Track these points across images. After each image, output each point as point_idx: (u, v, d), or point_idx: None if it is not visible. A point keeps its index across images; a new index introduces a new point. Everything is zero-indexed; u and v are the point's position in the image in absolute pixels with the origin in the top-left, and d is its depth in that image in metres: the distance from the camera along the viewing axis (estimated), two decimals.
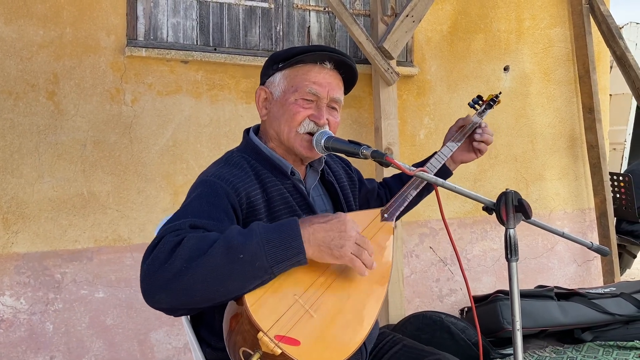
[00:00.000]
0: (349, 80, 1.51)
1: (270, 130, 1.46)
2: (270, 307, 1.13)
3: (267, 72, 1.49)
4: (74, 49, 2.76)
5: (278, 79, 1.45)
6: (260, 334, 1.08)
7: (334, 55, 1.43)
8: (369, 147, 1.31)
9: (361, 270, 1.19)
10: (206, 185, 1.32)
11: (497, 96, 1.86)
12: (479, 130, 1.68)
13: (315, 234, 1.16)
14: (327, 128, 1.42)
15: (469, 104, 1.83)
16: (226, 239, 1.12)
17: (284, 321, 1.12)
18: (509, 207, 1.25)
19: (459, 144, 1.67)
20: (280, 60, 1.45)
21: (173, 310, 1.17)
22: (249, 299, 1.12)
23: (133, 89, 2.87)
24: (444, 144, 1.69)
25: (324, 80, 1.42)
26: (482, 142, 1.68)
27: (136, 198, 2.87)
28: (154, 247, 1.14)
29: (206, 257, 1.09)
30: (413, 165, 1.73)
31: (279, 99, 1.44)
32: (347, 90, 1.52)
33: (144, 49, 2.84)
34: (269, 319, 1.11)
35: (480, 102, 1.82)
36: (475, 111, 1.80)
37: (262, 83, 1.50)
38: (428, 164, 1.63)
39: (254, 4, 3.17)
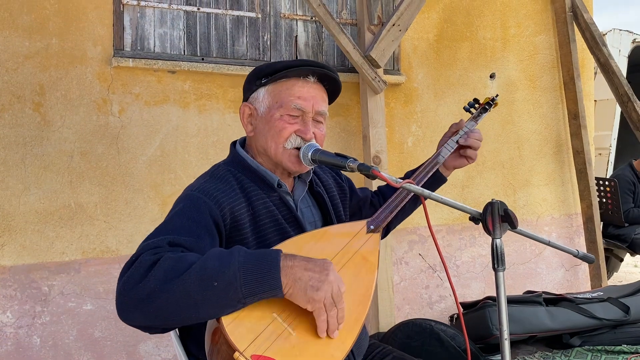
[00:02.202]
0: (332, 92, 1.51)
1: (257, 145, 1.46)
2: (248, 326, 1.11)
3: (250, 88, 1.48)
4: (60, 59, 2.74)
5: (262, 95, 1.45)
6: (237, 354, 1.07)
7: (317, 69, 1.43)
8: (355, 160, 1.32)
9: (321, 328, 1.15)
10: (189, 200, 1.31)
11: (493, 99, 1.80)
12: (464, 136, 1.66)
13: (294, 269, 1.13)
14: (313, 142, 1.42)
15: (464, 107, 1.78)
16: (202, 263, 1.10)
17: (261, 340, 1.10)
18: (495, 217, 1.26)
19: (452, 150, 1.66)
20: (263, 76, 1.44)
21: (148, 328, 1.15)
22: (226, 318, 1.10)
23: (120, 99, 2.86)
24: (437, 150, 1.67)
25: (308, 94, 1.42)
26: (468, 147, 1.66)
27: (124, 209, 2.85)
28: (131, 265, 1.14)
29: (180, 280, 1.08)
30: (407, 172, 1.73)
31: (264, 115, 1.44)
32: (330, 101, 1.52)
33: (130, 59, 2.84)
34: (245, 338, 1.09)
35: (477, 105, 1.77)
36: (470, 115, 1.76)
37: (246, 99, 1.50)
38: (419, 170, 1.62)
39: (241, 13, 3.18)
